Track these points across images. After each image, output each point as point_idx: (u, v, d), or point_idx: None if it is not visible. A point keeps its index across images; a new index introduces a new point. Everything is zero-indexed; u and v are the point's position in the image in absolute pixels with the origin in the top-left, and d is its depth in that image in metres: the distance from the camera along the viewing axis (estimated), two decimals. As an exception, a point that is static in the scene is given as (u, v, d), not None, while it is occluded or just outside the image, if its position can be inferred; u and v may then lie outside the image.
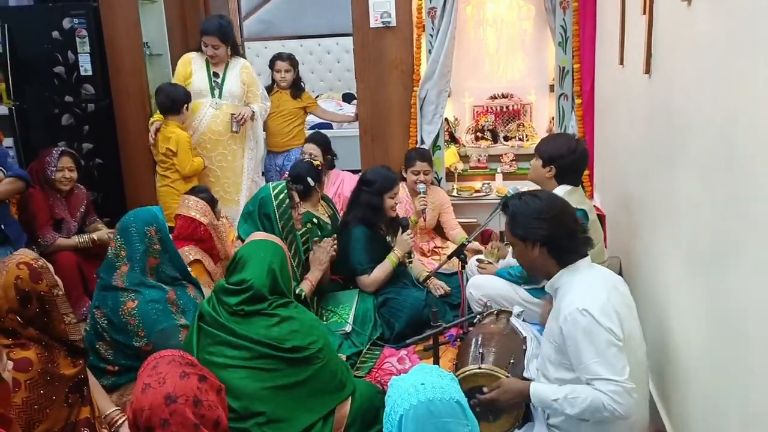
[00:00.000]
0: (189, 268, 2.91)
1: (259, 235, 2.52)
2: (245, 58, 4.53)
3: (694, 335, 2.01)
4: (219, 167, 4.32)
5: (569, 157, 2.93)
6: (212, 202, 3.41)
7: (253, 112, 4.31)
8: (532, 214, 2.13)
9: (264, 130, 4.64)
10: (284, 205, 3.18)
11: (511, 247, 2.34)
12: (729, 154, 1.63)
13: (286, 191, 3.21)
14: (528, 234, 2.13)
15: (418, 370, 1.44)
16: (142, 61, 4.58)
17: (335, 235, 3.42)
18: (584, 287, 2.02)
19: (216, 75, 4.28)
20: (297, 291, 3.04)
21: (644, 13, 2.53)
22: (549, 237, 2.10)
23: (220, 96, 4.25)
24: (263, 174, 4.88)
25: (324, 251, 3.24)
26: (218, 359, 2.24)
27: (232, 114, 4.19)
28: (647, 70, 2.53)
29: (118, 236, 2.65)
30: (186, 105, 4.14)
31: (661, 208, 2.42)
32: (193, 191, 3.49)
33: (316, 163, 3.63)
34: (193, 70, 4.26)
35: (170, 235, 2.77)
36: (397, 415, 1.34)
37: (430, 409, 1.31)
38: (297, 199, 3.35)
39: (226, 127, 4.23)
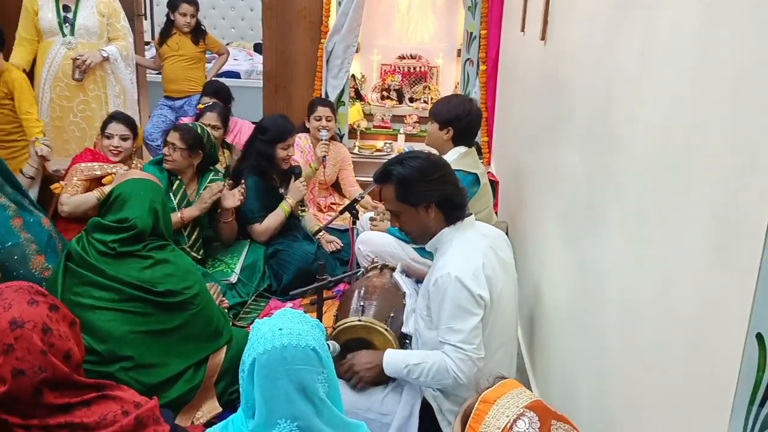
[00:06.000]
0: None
1: (136, 174, 2.39)
2: None
3: (561, 297, 2.09)
4: (84, 117, 3.71)
5: (465, 119, 2.95)
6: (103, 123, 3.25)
7: (105, 56, 3.67)
8: (420, 176, 2.05)
9: (159, 73, 4.33)
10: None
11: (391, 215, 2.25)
12: (604, 126, 1.67)
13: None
14: (420, 198, 2.06)
15: (280, 315, 1.39)
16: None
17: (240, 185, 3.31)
18: (461, 250, 2.01)
19: (66, 9, 3.64)
20: None
21: (544, -20, 2.56)
22: (441, 195, 2.06)
23: (72, 33, 3.63)
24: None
25: (210, 191, 3.11)
26: (85, 300, 2.13)
27: (74, 59, 3.59)
28: (543, 37, 2.57)
29: None
30: None
31: (545, 175, 2.49)
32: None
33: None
34: (40, 4, 3.62)
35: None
36: (250, 359, 1.30)
37: (284, 355, 1.27)
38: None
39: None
